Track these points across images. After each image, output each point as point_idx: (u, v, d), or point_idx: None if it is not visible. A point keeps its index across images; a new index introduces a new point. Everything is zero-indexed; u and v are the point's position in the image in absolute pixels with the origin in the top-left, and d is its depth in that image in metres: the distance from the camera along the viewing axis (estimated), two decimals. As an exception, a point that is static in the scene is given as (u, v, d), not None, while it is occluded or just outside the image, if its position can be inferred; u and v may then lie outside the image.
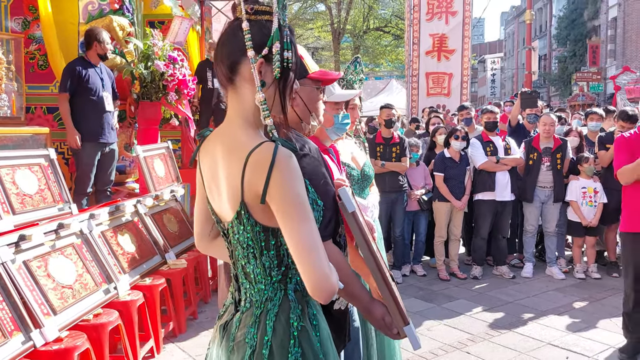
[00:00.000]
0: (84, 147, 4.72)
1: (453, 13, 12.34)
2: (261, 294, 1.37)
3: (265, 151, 1.27)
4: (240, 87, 1.38)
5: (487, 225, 5.62)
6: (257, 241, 1.35)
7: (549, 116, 5.78)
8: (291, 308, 1.36)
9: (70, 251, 3.21)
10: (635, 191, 3.56)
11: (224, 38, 1.41)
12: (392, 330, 1.57)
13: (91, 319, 3.03)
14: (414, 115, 11.36)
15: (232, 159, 1.32)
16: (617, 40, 23.97)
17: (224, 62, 1.39)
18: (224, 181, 1.35)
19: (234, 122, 1.39)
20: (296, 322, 1.35)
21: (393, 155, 5.45)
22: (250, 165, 1.28)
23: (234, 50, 1.37)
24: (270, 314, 1.35)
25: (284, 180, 1.26)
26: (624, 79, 16.82)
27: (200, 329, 4.20)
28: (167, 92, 5.32)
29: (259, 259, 1.36)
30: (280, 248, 1.36)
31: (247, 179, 1.28)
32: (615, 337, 3.98)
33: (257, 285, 1.38)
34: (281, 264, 1.37)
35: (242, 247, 1.38)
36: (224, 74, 1.40)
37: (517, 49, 42.85)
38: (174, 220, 4.73)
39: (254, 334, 1.35)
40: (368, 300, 1.59)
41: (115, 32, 5.13)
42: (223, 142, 1.37)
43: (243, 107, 1.38)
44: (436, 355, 3.74)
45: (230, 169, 1.32)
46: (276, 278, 1.37)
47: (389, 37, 25.79)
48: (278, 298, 1.37)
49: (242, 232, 1.35)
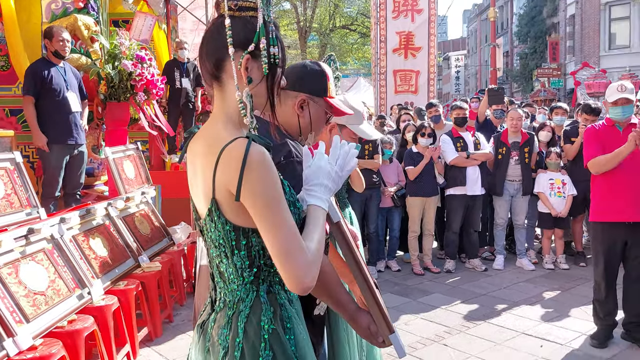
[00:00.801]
0: (52, 150, 4.59)
1: (419, 11, 12.46)
2: (234, 295, 1.36)
3: (238, 147, 1.24)
4: (226, 84, 1.36)
5: (459, 220, 5.71)
6: (228, 240, 1.32)
7: (516, 111, 5.91)
8: (263, 310, 1.33)
9: (41, 257, 3.11)
10: (603, 181, 3.67)
11: (208, 35, 1.38)
12: (377, 339, 1.56)
13: (66, 326, 2.94)
14: (382, 112, 11.44)
15: (208, 154, 1.30)
16: (575, 37, 24.68)
17: (209, 59, 1.36)
18: (199, 177, 1.34)
19: (218, 118, 1.37)
20: (267, 324, 1.32)
21: (365, 153, 5.48)
22: (222, 162, 1.25)
23: (218, 47, 1.34)
24: (241, 315, 1.33)
25: (258, 179, 1.23)
26: (584, 74, 17.35)
27: (176, 332, 4.14)
28: (136, 92, 5.22)
29: (230, 258, 1.34)
30: (251, 249, 1.33)
31: (219, 176, 1.26)
32: (586, 324, 4.10)
33: (230, 285, 1.36)
34: (253, 264, 1.34)
35: (214, 246, 1.36)
36: (209, 71, 1.37)
37: (480, 46, 43.64)
38: (146, 222, 4.64)
39: (226, 335, 1.33)
40: (354, 309, 1.57)
41: (80, 31, 5.01)
42: (204, 138, 1.36)
43: (227, 104, 1.36)
44: (415, 349, 3.78)
45: (205, 165, 1.31)
46: (248, 279, 1.35)
47: (355, 35, 25.93)
48: (250, 299, 1.34)
49: (214, 230, 1.33)
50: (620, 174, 3.59)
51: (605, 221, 3.68)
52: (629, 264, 3.71)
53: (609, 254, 3.70)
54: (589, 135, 3.78)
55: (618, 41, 22.48)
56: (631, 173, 3.57)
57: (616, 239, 3.67)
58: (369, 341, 1.58)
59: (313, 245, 1.30)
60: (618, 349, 3.72)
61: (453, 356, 3.67)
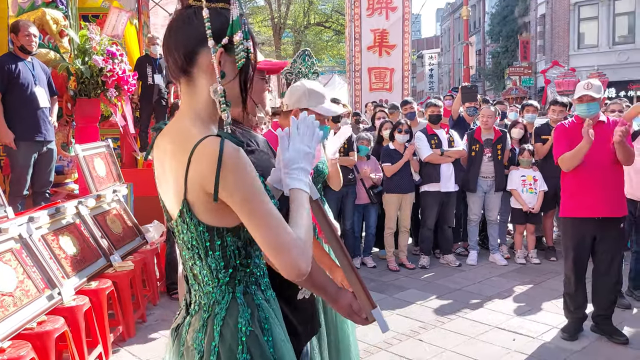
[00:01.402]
0: (19, 147, 4.47)
1: (393, 9, 12.51)
2: (209, 297, 1.32)
3: (210, 146, 1.20)
4: (196, 78, 1.31)
5: (433, 216, 5.77)
6: (202, 241, 1.28)
7: (489, 109, 5.99)
8: (239, 312, 1.30)
9: (9, 257, 3.03)
10: (573, 178, 3.74)
11: (175, 26, 1.31)
12: (361, 316, 1.54)
13: (35, 327, 2.88)
14: (357, 110, 11.47)
15: (177, 153, 1.25)
16: (545, 36, 25.15)
17: (178, 51, 1.29)
18: (169, 177, 1.29)
19: (185, 115, 1.32)
20: (244, 327, 1.29)
21: (341, 150, 5.48)
22: (195, 161, 1.21)
23: (190, 39, 1.28)
24: (217, 318, 1.29)
25: (236, 176, 1.20)
26: (554, 72, 17.71)
27: (149, 332, 4.08)
28: (107, 88, 5.12)
29: (204, 260, 1.30)
30: (226, 249, 1.30)
31: (192, 175, 1.22)
32: (557, 317, 4.18)
33: (205, 288, 1.33)
34: (228, 265, 1.31)
35: (187, 248, 1.32)
36: (178, 65, 1.31)
37: (453, 44, 44.13)
38: (117, 221, 4.56)
39: (201, 339, 1.30)
40: (335, 289, 1.56)
41: (49, 25, 4.89)
42: (172, 135, 1.31)
43: (197, 100, 1.31)
44: (390, 344, 3.81)
45: (175, 164, 1.26)
46: (223, 280, 1.31)
47: (330, 32, 25.94)
48: (226, 301, 1.31)
49: (186, 231, 1.29)
50: (588, 171, 3.66)
51: (574, 217, 3.75)
52: (598, 258, 3.80)
53: (578, 248, 3.77)
54: (558, 133, 3.85)
55: (587, 41, 22.99)
56: (599, 170, 3.64)
57: (585, 234, 3.75)
58: (352, 320, 1.57)
59: (302, 231, 1.28)
60: (588, 341, 3.80)
61: (428, 351, 3.70)
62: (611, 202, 3.66)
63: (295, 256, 1.23)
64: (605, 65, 20.00)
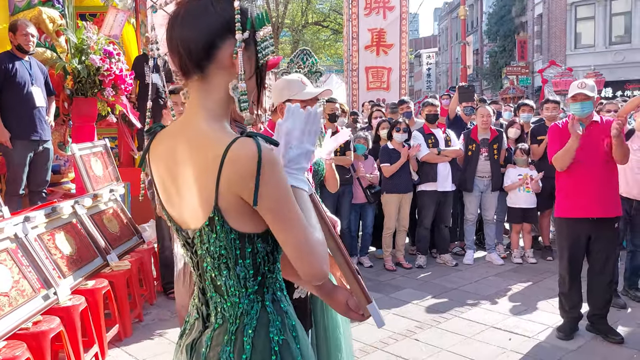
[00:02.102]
0: (15, 146, 4.46)
1: (390, 8, 12.53)
2: (235, 308, 1.24)
3: (247, 149, 1.12)
4: (212, 74, 1.22)
5: (430, 215, 5.77)
6: (232, 250, 1.21)
7: (485, 108, 6.00)
8: (270, 321, 1.24)
9: (4, 257, 3.02)
10: (567, 178, 3.75)
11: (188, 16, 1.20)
12: (357, 312, 1.50)
13: (31, 327, 2.87)
14: (354, 109, 11.48)
15: (201, 157, 1.17)
16: (542, 36, 25.19)
17: (195, 44, 1.19)
18: (190, 183, 1.20)
19: (198, 115, 1.22)
20: (277, 336, 1.24)
21: (337, 149, 5.48)
22: (229, 165, 1.13)
23: (209, 31, 1.19)
24: (247, 329, 1.22)
25: (276, 181, 1.15)
26: (551, 72, 17.74)
27: (146, 332, 4.07)
28: (104, 87, 5.11)
29: (232, 269, 1.23)
30: (257, 256, 1.23)
31: (225, 181, 1.14)
32: (552, 317, 4.19)
33: (230, 299, 1.25)
34: (257, 273, 1.24)
35: (212, 258, 1.23)
36: (193, 60, 1.20)
37: (451, 44, 44.17)
38: (114, 220, 4.56)
39: (229, 352, 1.21)
40: (330, 286, 1.53)
41: (45, 24, 4.88)
42: (186, 138, 1.21)
43: (212, 97, 1.23)
44: (386, 344, 3.81)
45: (200, 169, 1.17)
46: (252, 289, 1.24)
47: (327, 31, 25.93)
48: (255, 311, 1.24)
49: (214, 240, 1.20)
50: (582, 171, 3.67)
51: (569, 217, 3.77)
52: (593, 257, 3.81)
53: (573, 248, 3.78)
54: (553, 133, 3.86)
55: (584, 40, 23.03)
56: (593, 170, 3.66)
57: (580, 234, 3.76)
58: (348, 316, 1.53)
59: (319, 233, 1.24)
60: (583, 340, 3.81)
61: (424, 350, 3.71)
62: (606, 203, 3.67)
63: (320, 258, 1.20)
64: (601, 65, 20.04)
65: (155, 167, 1.31)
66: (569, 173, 3.72)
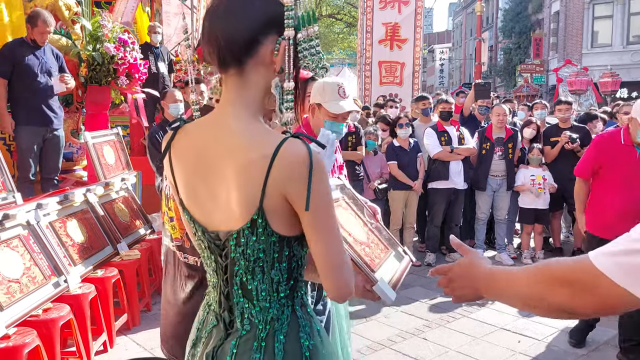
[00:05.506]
0: (21, 132, 4.50)
1: (405, 2, 12.42)
2: (265, 313, 1.20)
3: (299, 150, 1.10)
4: (251, 71, 1.18)
5: (441, 214, 5.73)
6: (270, 253, 1.17)
7: (501, 107, 5.94)
8: (300, 326, 1.22)
9: (16, 243, 3.03)
10: (602, 191, 3.52)
11: (229, 8, 1.16)
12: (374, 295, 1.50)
13: (41, 314, 2.89)
14: (367, 103, 11.42)
15: (241, 156, 1.13)
16: (559, 34, 24.89)
17: (239, 37, 1.15)
18: (227, 183, 1.15)
19: (238, 112, 1.18)
20: (307, 341, 1.22)
21: (349, 145, 5.45)
22: (279, 166, 1.09)
23: (251, 25, 1.15)
24: (278, 334, 1.19)
25: (324, 188, 1.12)
26: (566, 71, 17.51)
27: (154, 321, 4.07)
28: (117, 76, 5.10)
29: (267, 273, 1.19)
30: (292, 259, 1.20)
31: (274, 182, 1.10)
32: (563, 320, 4.14)
33: (259, 303, 1.21)
34: (290, 277, 1.22)
35: (247, 260, 1.18)
36: (233, 53, 1.16)
37: (465, 39, 43.79)
38: (125, 209, 4.56)
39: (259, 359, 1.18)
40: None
41: (61, 11, 4.88)
42: (221, 135, 1.17)
43: (249, 93, 1.19)
44: (394, 342, 3.79)
45: (239, 168, 1.13)
46: (283, 293, 1.22)
47: (341, 24, 25.82)
48: (286, 316, 1.22)
49: (253, 242, 1.15)
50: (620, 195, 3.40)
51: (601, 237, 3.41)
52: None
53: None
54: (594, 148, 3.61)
55: (600, 39, 22.74)
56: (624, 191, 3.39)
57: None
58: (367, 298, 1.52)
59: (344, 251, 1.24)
60: (594, 345, 3.77)
61: (432, 350, 3.68)
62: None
63: (349, 277, 1.19)
64: (618, 65, 19.77)
65: (177, 164, 1.25)
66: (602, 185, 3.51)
